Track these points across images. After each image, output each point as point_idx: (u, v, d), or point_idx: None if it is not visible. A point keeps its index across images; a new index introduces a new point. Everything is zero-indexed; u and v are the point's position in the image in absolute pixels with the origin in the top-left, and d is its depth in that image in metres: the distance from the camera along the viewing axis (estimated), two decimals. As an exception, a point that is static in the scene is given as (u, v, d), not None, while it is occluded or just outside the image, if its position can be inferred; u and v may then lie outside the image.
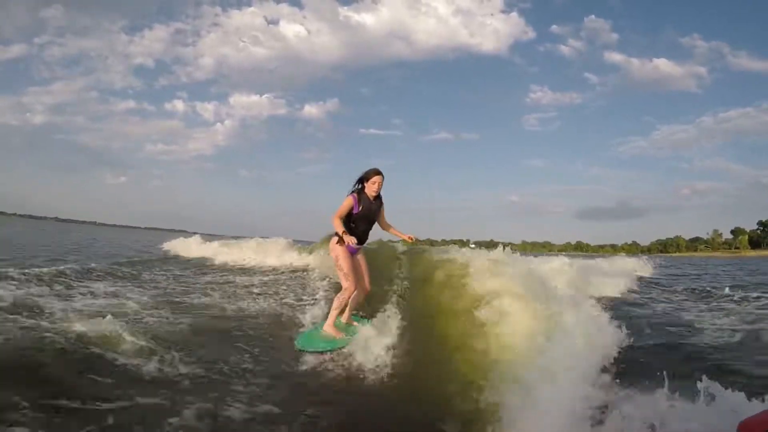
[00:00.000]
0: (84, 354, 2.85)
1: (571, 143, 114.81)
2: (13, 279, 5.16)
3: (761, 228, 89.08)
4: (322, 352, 3.47)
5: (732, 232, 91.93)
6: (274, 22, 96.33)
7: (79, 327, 3.13)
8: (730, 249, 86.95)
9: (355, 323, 4.04)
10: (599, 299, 5.23)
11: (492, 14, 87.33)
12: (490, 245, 5.03)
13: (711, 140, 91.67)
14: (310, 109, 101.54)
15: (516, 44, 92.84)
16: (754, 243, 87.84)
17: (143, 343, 3.15)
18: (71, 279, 5.90)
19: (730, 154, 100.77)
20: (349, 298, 3.81)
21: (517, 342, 3.06)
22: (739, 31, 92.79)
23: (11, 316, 3.46)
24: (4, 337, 2.90)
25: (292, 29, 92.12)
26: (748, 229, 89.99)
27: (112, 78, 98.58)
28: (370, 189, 3.70)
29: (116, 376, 2.70)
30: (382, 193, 3.80)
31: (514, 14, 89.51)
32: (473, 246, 9.33)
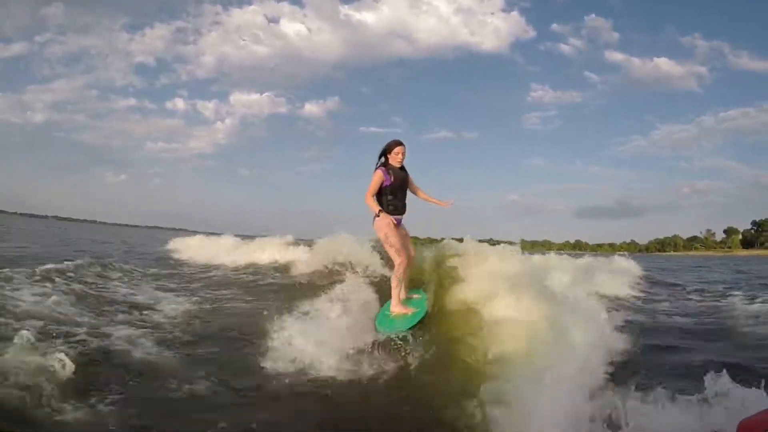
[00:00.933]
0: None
1: (572, 142, 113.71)
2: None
3: (755, 227, 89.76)
4: (406, 331, 3.51)
5: (725, 231, 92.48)
6: (274, 20, 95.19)
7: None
8: (723, 248, 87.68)
9: (414, 296, 4.10)
10: (598, 297, 5.26)
11: (493, 13, 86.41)
12: (490, 244, 4.99)
13: (711, 140, 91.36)
14: (311, 108, 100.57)
15: (516, 43, 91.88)
16: (748, 242, 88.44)
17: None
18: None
19: (730, 154, 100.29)
20: (404, 271, 3.82)
21: (517, 341, 2.99)
22: (741, 31, 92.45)
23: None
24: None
25: (292, 28, 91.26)
26: (743, 229, 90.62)
27: (113, 76, 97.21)
28: (395, 160, 3.69)
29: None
30: (405, 164, 3.80)
31: (515, 13, 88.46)
32: None
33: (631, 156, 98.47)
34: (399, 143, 3.69)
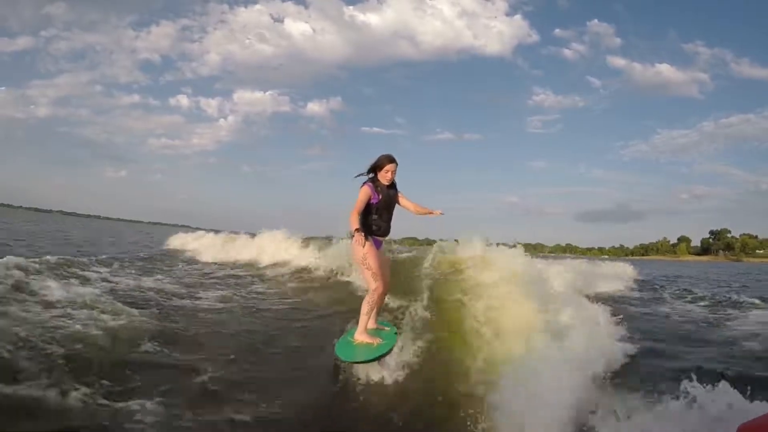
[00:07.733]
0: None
1: (573, 146, 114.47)
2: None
3: (712, 236, 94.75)
4: (368, 362, 3.20)
5: (678, 239, 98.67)
6: (279, 20, 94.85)
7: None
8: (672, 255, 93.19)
9: (385, 328, 3.70)
10: (595, 299, 5.36)
11: (496, 17, 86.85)
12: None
13: (712, 146, 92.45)
14: (314, 107, 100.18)
15: (519, 47, 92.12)
16: (705, 249, 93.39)
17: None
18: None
19: (730, 160, 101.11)
20: (379, 299, 3.49)
21: (517, 345, 3.04)
22: (742, 39, 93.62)
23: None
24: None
25: (297, 27, 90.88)
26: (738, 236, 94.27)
27: (118, 72, 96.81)
28: (384, 177, 3.39)
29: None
30: (396, 180, 3.49)
31: (518, 17, 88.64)
32: None
33: (632, 160, 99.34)
34: (391, 160, 3.40)
